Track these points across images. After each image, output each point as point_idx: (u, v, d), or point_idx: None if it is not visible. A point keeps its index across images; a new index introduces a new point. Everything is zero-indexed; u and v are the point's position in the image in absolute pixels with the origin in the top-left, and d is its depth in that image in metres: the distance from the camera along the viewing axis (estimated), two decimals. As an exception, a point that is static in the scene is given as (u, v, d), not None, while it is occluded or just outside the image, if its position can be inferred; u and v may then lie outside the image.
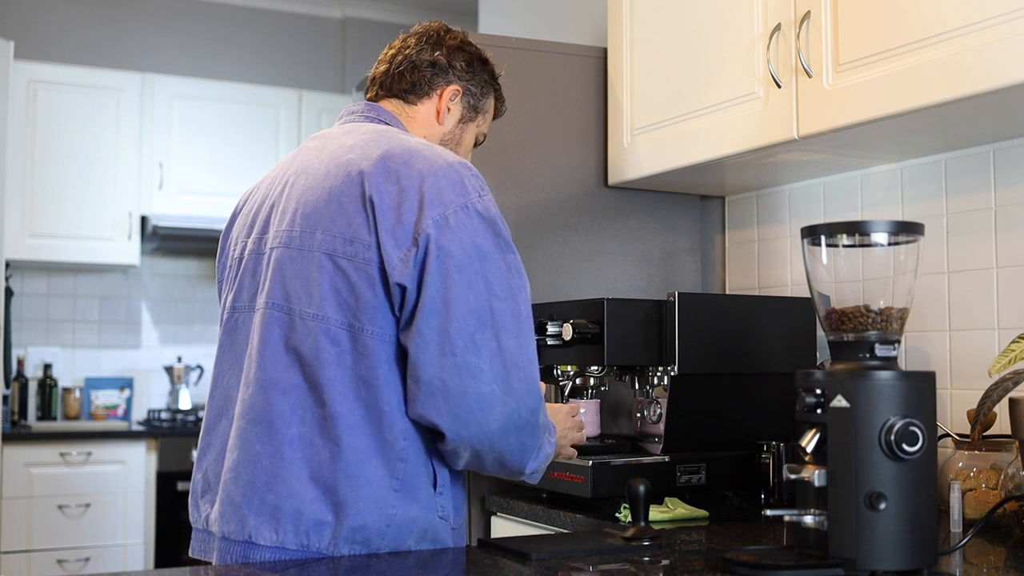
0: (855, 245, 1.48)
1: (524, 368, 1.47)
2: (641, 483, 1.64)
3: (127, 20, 5.17)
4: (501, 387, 1.45)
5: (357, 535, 1.47)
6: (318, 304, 1.49)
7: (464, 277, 1.45)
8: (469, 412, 1.44)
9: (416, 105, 1.73)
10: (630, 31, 2.51)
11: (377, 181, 1.49)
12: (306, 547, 1.46)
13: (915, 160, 2.20)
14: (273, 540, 1.47)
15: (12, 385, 4.58)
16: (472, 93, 1.75)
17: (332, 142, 1.61)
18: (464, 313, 1.44)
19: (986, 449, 1.84)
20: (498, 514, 2.27)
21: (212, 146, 4.89)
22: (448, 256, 1.45)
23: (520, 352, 1.47)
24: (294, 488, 1.47)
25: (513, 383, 1.45)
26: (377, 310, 1.48)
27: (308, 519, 1.47)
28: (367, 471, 1.47)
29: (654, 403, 2.21)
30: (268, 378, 1.51)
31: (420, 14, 5.52)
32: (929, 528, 1.37)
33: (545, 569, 1.44)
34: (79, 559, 4.27)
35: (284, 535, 1.47)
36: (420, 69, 1.72)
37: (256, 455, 1.49)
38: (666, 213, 2.66)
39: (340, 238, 1.49)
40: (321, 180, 1.55)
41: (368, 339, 1.48)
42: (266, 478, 1.48)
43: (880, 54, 1.83)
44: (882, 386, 1.35)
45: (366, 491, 1.47)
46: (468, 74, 1.74)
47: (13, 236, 4.42)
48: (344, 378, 1.48)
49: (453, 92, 1.73)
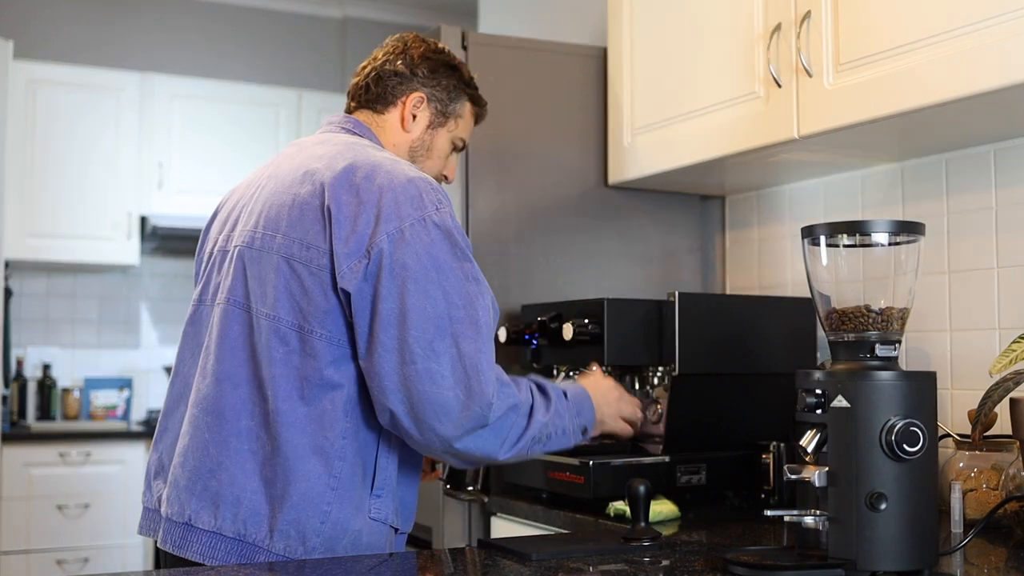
0: (855, 245, 1.48)
1: (484, 372, 1.51)
2: (641, 483, 1.64)
3: (127, 19, 5.17)
4: (464, 391, 1.50)
5: (292, 529, 1.52)
6: (272, 304, 1.56)
7: (421, 287, 1.51)
8: (435, 417, 1.49)
9: (384, 114, 1.80)
10: (630, 31, 2.50)
11: (337, 192, 1.55)
12: (243, 536, 1.53)
13: (915, 160, 2.20)
14: (211, 525, 1.54)
15: (11, 385, 4.58)
16: (438, 99, 1.80)
17: (305, 150, 1.69)
18: (422, 322, 1.50)
19: (987, 449, 1.83)
20: (498, 514, 2.27)
21: (212, 146, 4.89)
22: (403, 268, 1.51)
23: (479, 356, 1.52)
24: (236, 477, 1.54)
25: (474, 386, 1.50)
26: (328, 314, 1.54)
27: (247, 508, 1.53)
28: (305, 467, 1.52)
29: (654, 403, 2.21)
30: (223, 371, 1.58)
31: (420, 14, 5.52)
32: (930, 528, 1.36)
33: (545, 569, 1.44)
34: (78, 559, 4.27)
35: (222, 521, 1.54)
36: (384, 79, 1.79)
37: (204, 443, 1.57)
38: (666, 213, 2.66)
39: (298, 243, 1.56)
40: (288, 186, 1.62)
41: (316, 341, 1.54)
42: (211, 466, 1.55)
43: (880, 54, 1.83)
44: (883, 386, 1.35)
45: (303, 486, 1.52)
46: (432, 81, 1.80)
47: (12, 236, 4.42)
48: (289, 376, 1.54)
49: (417, 99, 1.79)
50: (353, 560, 1.52)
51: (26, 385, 4.64)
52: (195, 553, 1.55)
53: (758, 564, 1.38)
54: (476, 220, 2.41)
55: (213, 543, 1.54)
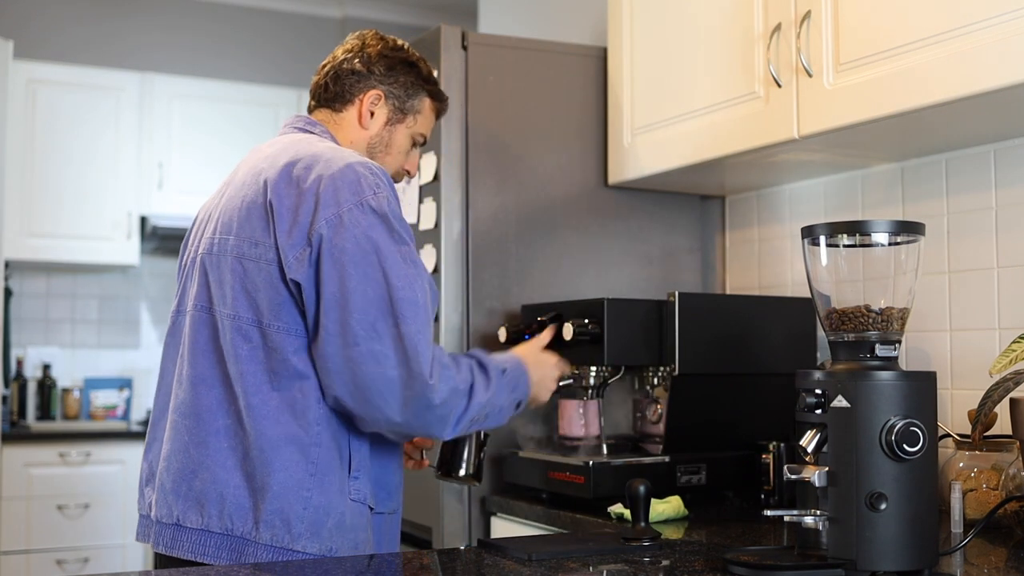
0: (855, 245, 1.48)
1: (422, 352, 1.55)
2: (641, 483, 1.64)
3: (127, 19, 5.17)
4: (406, 371, 1.53)
5: (276, 518, 1.56)
6: (231, 304, 1.62)
7: (360, 270, 1.55)
8: (379, 396, 1.53)
9: (342, 112, 1.83)
10: (630, 31, 2.50)
11: (278, 187, 1.61)
12: (230, 530, 1.57)
13: (915, 160, 2.20)
14: (199, 523, 1.59)
15: (11, 385, 4.58)
16: (396, 96, 1.83)
17: (258, 154, 1.75)
18: (363, 304, 1.54)
19: (987, 449, 1.83)
20: (498, 514, 2.27)
21: (211, 146, 4.89)
22: (342, 252, 1.55)
23: (419, 337, 1.55)
24: (218, 475, 1.59)
25: (414, 367, 1.53)
26: (281, 306, 1.59)
27: (231, 504, 1.58)
28: (283, 457, 1.57)
29: (654, 403, 2.21)
30: (196, 375, 1.64)
31: (420, 14, 5.52)
32: (930, 528, 1.36)
33: (545, 569, 1.44)
34: (78, 559, 4.27)
35: (209, 518, 1.58)
36: (342, 78, 1.83)
37: (184, 445, 1.62)
38: (666, 213, 2.66)
39: (247, 242, 1.62)
40: (239, 190, 1.69)
41: (275, 334, 1.59)
42: (193, 467, 1.61)
43: (880, 54, 1.83)
44: (883, 386, 1.35)
45: (282, 476, 1.56)
46: (389, 78, 1.82)
47: (12, 236, 4.42)
48: (257, 371, 1.59)
49: (375, 96, 1.82)
50: (353, 560, 1.52)
51: (26, 385, 4.64)
52: (186, 551, 1.59)
53: (758, 564, 1.38)
54: (476, 220, 2.41)
55: (203, 540, 1.59)
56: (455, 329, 2.37)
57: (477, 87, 2.44)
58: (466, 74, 2.43)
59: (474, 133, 2.43)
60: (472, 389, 1.62)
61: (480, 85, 2.44)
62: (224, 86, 4.98)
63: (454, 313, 2.38)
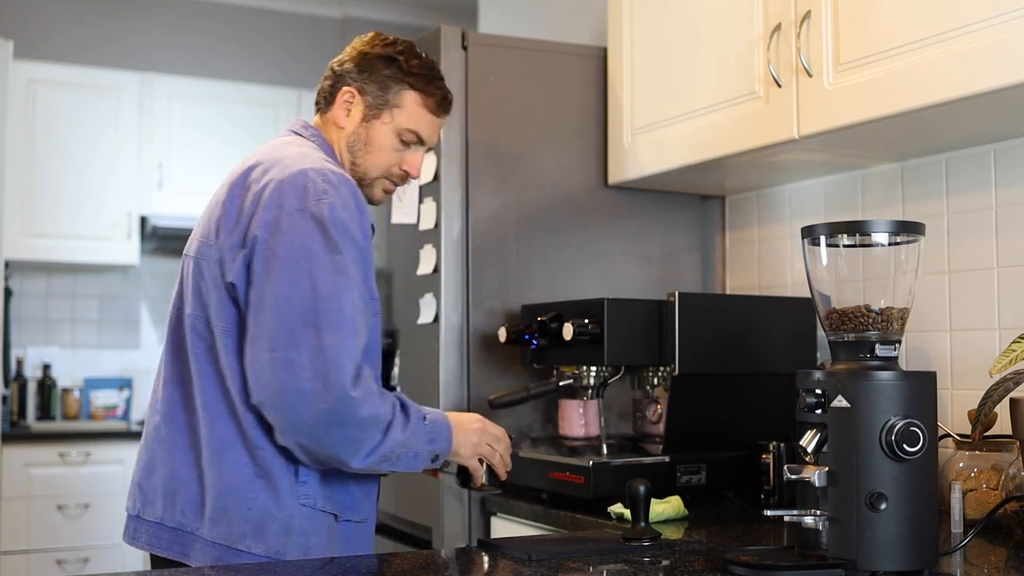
0: (855, 245, 1.48)
1: (344, 365, 1.53)
2: (641, 483, 1.64)
3: (127, 19, 5.17)
4: (322, 383, 1.51)
5: (221, 516, 1.59)
6: (191, 304, 1.67)
7: (289, 276, 1.55)
8: (290, 406, 1.52)
9: (328, 114, 1.85)
10: (630, 31, 2.50)
11: (234, 189, 1.66)
12: (182, 525, 1.62)
13: (915, 160, 2.20)
14: (156, 516, 1.65)
15: (11, 385, 4.58)
16: (370, 92, 1.81)
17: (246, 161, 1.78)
18: (286, 310, 1.54)
19: (987, 449, 1.83)
20: (498, 514, 2.27)
21: (211, 146, 4.88)
22: (274, 256, 1.56)
23: (341, 349, 1.53)
24: (176, 471, 1.64)
25: (332, 379, 1.52)
26: (222, 305, 1.62)
27: (183, 499, 1.63)
28: (231, 457, 1.60)
29: (654, 403, 2.21)
30: (168, 375, 1.70)
31: (420, 14, 5.52)
32: (930, 528, 1.36)
33: (545, 569, 1.44)
34: (78, 559, 4.27)
35: (164, 512, 1.64)
36: (324, 81, 1.86)
37: (151, 441, 1.69)
38: (666, 213, 2.66)
39: (203, 242, 1.68)
40: (215, 194, 1.74)
41: (220, 334, 1.62)
42: (155, 462, 1.67)
43: (880, 54, 1.83)
44: (883, 386, 1.35)
45: (229, 476, 1.60)
46: (362, 75, 1.81)
47: (12, 236, 4.42)
48: (209, 371, 1.63)
49: (348, 94, 1.81)
50: (354, 560, 1.52)
51: (26, 385, 4.64)
52: (143, 543, 1.65)
53: (758, 564, 1.38)
54: (476, 220, 2.41)
55: (158, 533, 1.64)
56: (455, 329, 2.37)
57: (477, 87, 2.44)
58: (466, 74, 2.43)
59: (474, 133, 2.43)
60: (391, 424, 1.58)
61: (480, 85, 2.44)
62: (224, 86, 4.97)
63: (454, 313, 2.38)
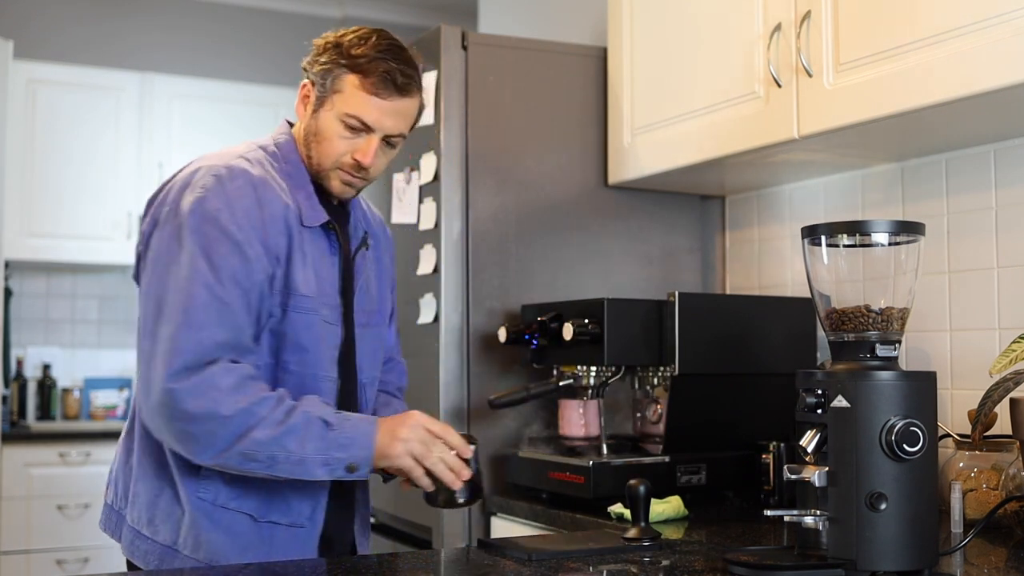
0: (855, 245, 1.48)
1: (174, 359, 1.54)
2: (641, 483, 1.64)
3: (127, 19, 5.16)
4: (148, 376, 1.56)
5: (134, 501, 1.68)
6: None
7: (157, 271, 1.61)
8: (141, 394, 1.59)
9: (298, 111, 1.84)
10: (630, 31, 2.50)
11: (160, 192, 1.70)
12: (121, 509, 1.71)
13: (915, 160, 2.20)
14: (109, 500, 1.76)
15: (11, 385, 4.58)
16: (317, 82, 1.77)
17: None
18: (146, 302, 1.61)
19: (987, 449, 1.83)
20: (498, 514, 2.27)
21: (211, 146, 4.77)
22: (149, 251, 1.64)
23: (172, 343, 1.55)
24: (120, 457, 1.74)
25: (155, 372, 1.55)
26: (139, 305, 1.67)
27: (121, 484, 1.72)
28: (144, 447, 1.67)
29: (654, 403, 2.21)
30: None
31: (420, 14, 5.52)
32: (930, 528, 1.36)
33: (545, 569, 1.44)
34: (78, 559, 4.27)
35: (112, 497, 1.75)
36: None
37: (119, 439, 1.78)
38: (666, 213, 2.66)
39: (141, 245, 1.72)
40: None
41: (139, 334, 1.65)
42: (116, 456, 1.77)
43: (880, 54, 1.83)
44: (883, 386, 1.35)
45: (144, 464, 1.67)
46: (313, 66, 1.79)
47: (12, 236, 4.41)
48: (140, 369, 1.65)
49: (306, 88, 1.80)
50: (355, 559, 1.52)
51: (26, 385, 4.64)
52: (102, 524, 1.77)
53: (758, 564, 1.38)
54: (476, 220, 2.41)
55: (108, 514, 1.75)
56: (455, 329, 2.37)
57: (477, 87, 2.44)
58: (466, 74, 2.43)
59: (474, 133, 2.43)
60: (252, 426, 1.52)
61: (480, 85, 2.44)
62: (224, 86, 4.97)
63: (454, 313, 2.38)
